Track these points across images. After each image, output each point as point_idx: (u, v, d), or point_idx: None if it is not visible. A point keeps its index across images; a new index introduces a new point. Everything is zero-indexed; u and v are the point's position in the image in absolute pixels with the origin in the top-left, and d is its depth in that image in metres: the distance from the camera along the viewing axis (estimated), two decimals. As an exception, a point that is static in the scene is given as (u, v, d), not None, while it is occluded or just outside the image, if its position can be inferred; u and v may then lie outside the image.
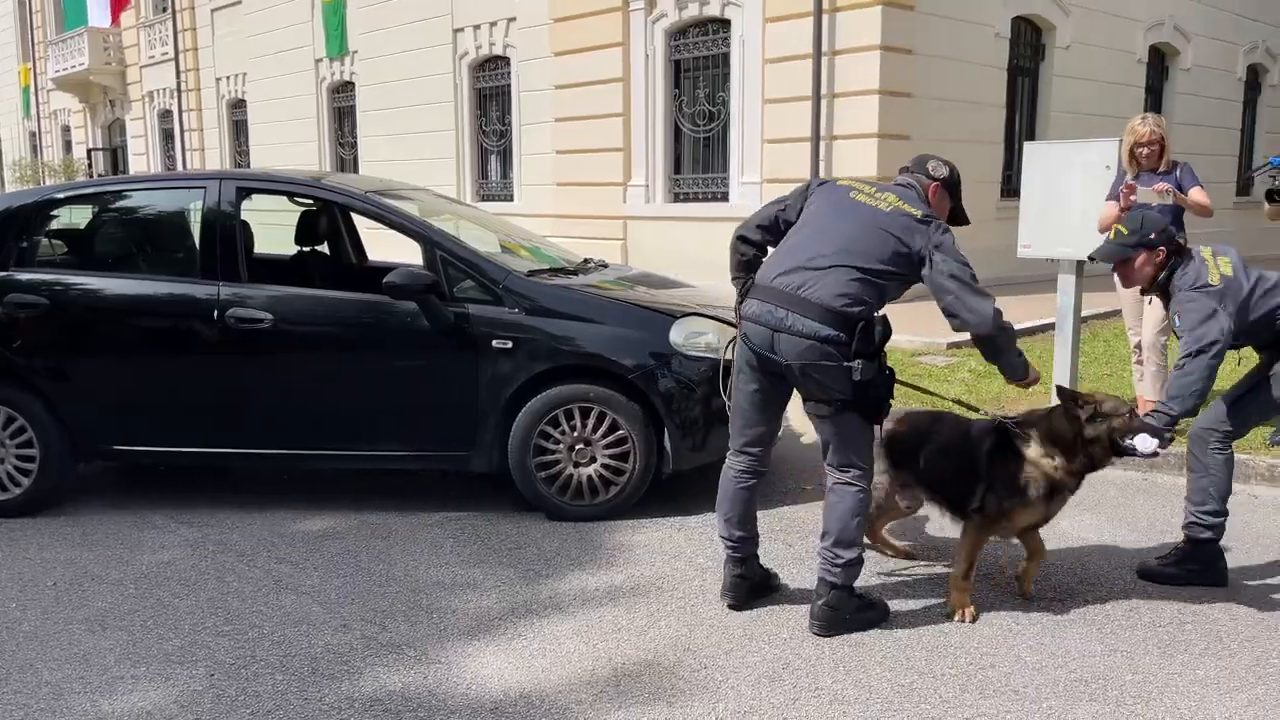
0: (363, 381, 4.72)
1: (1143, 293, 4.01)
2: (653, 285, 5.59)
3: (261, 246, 5.41)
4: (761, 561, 3.78)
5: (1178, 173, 5.46)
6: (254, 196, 5.02)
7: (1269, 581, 3.89)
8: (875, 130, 10.45)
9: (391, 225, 4.84)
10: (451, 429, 4.69)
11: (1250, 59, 16.17)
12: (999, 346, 3.43)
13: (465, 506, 4.84)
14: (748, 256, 3.61)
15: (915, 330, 8.74)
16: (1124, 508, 4.82)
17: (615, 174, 13.02)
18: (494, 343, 4.57)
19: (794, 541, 4.37)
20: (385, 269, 4.84)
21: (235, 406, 4.76)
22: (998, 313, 3.32)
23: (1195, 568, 3.85)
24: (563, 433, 4.58)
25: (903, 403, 4.63)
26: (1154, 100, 14.47)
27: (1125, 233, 3.77)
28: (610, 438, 4.58)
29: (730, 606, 3.67)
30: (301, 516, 4.74)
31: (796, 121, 10.92)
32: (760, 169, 11.53)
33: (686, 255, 11.88)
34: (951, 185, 3.62)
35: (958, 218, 3.67)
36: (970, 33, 11.31)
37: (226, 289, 4.72)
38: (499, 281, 4.66)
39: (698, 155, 12.54)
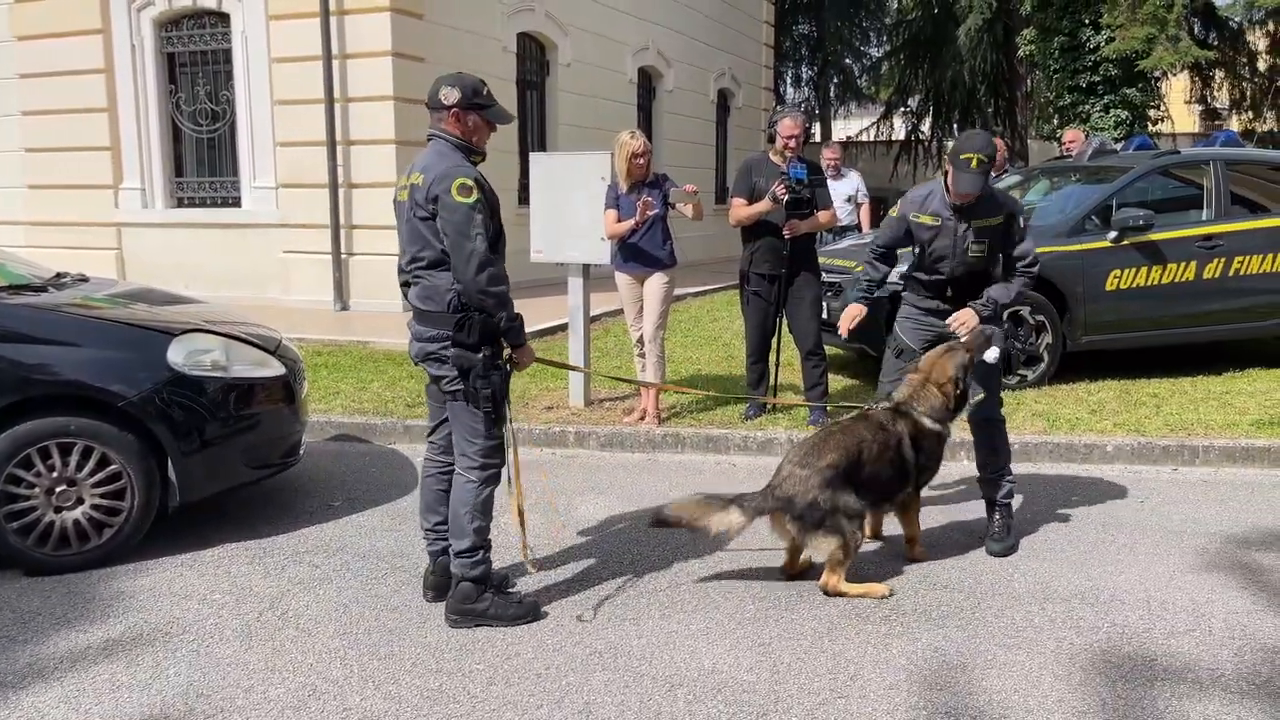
0: None
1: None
2: (153, 302, 5.09)
3: None
4: (290, 584, 3.59)
5: (665, 185, 6.09)
6: None
7: (745, 540, 4.47)
8: (393, 136, 10.42)
9: None
10: (-118, 483, 3.86)
11: (720, 84, 18.61)
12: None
13: (-89, 575, 4.02)
14: None
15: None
16: (631, 487, 5.28)
17: (104, 175, 11.59)
18: (-64, 375, 3.84)
19: (320, 561, 4.21)
20: None
21: None
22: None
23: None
24: (38, 474, 3.98)
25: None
26: (644, 117, 16.08)
27: (985, 159, 4.03)
28: (100, 474, 4.07)
29: (430, 600, 3.73)
30: None
31: (311, 124, 10.52)
32: (275, 172, 10.96)
33: (196, 266, 10.97)
34: (469, 103, 3.49)
35: (501, 117, 3.61)
36: (480, 45, 11.70)
37: None
38: (-61, 303, 3.93)
39: (203, 157, 11.59)
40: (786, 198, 5.88)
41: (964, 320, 4.25)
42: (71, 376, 4.06)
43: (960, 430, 5.77)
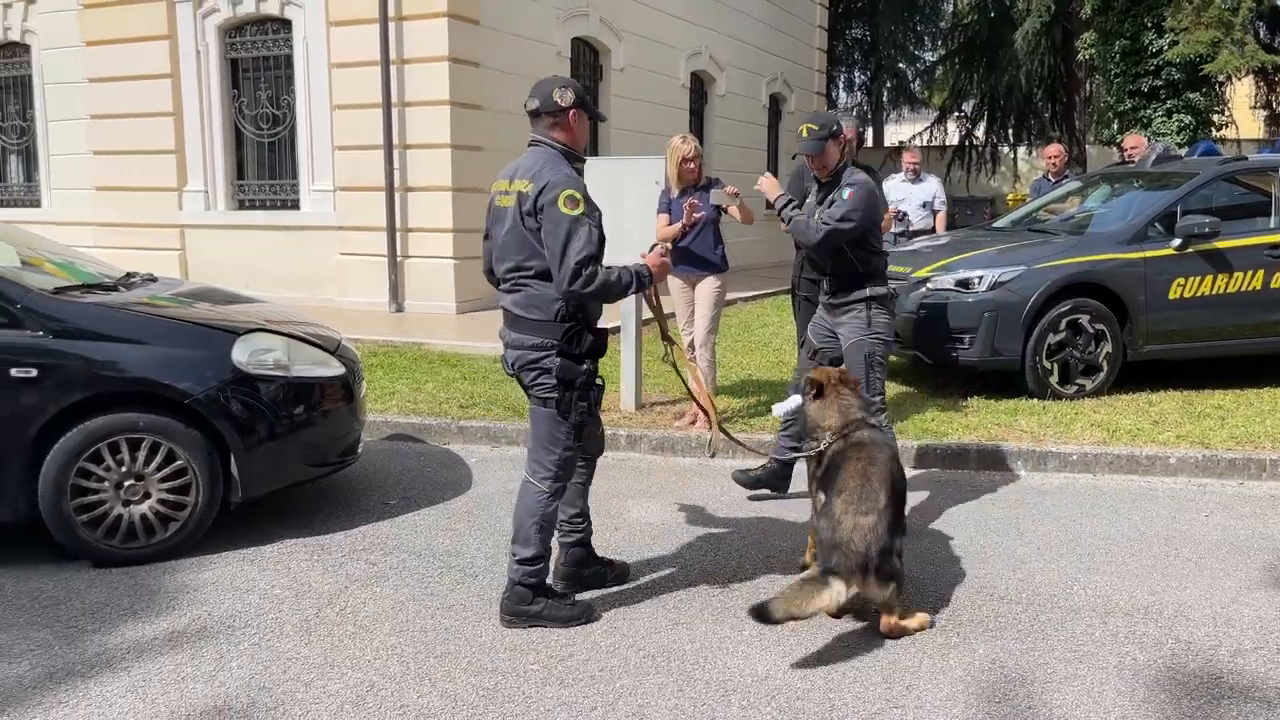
0: None
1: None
2: (216, 301, 5.19)
3: None
4: (348, 581, 3.64)
5: (714, 188, 6.09)
6: None
7: (799, 547, 4.46)
8: (448, 140, 10.54)
9: None
10: (-40, 475, 3.99)
11: (772, 89, 18.56)
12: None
13: (-14, 564, 4.15)
14: None
15: (496, 337, 8.95)
16: (682, 491, 5.28)
17: (168, 178, 11.87)
18: (13, 372, 3.98)
19: (377, 559, 4.27)
20: None
21: None
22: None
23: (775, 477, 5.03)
24: (108, 469, 4.09)
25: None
26: (696, 121, 16.09)
27: (816, 128, 4.48)
28: (167, 470, 4.17)
29: (563, 591, 3.77)
30: None
31: (368, 129, 10.68)
32: (333, 176, 11.14)
33: (256, 267, 11.18)
34: (582, 101, 3.55)
35: (600, 117, 3.81)
36: (534, 50, 11.79)
37: None
38: (16, 301, 4.07)
39: (263, 160, 11.81)
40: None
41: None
42: (140, 374, 4.16)
43: (1004, 439, 5.70)
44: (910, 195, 9.62)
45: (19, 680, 3.21)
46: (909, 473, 5.60)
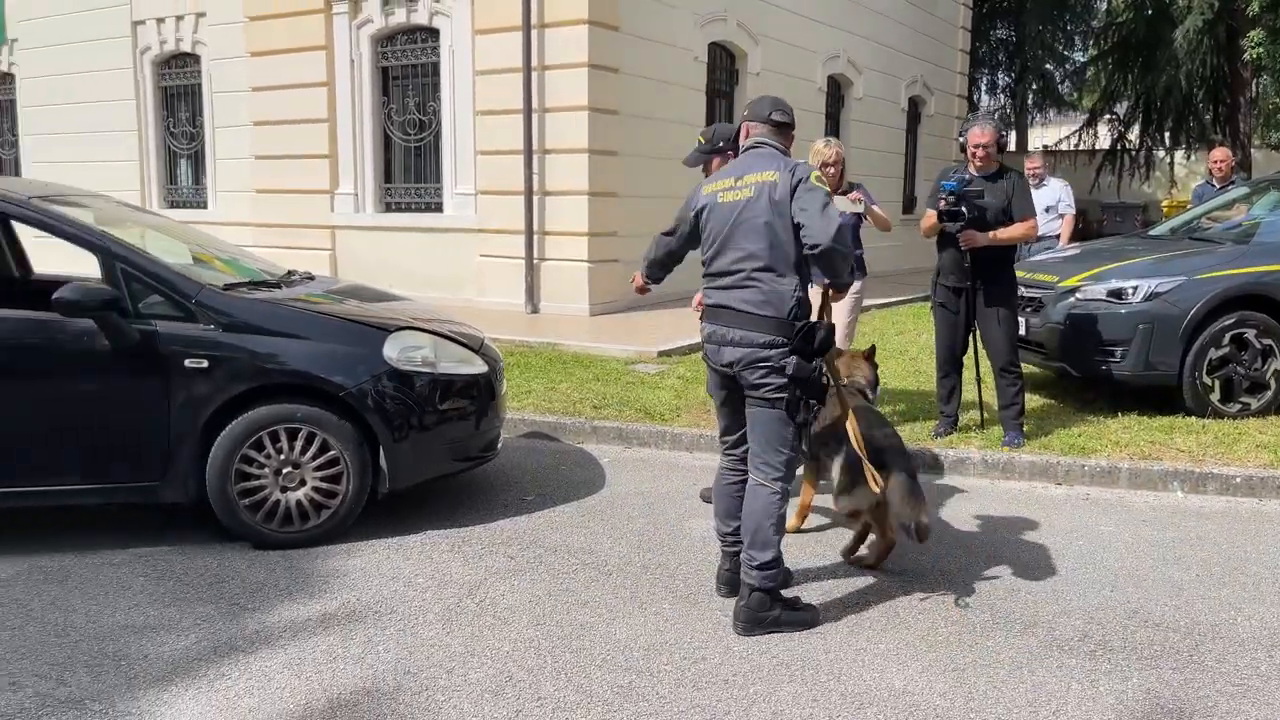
0: (30, 409, 4.21)
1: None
2: (365, 298, 5.41)
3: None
4: (487, 573, 3.75)
5: (855, 193, 6.02)
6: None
7: (936, 561, 4.36)
8: (585, 146, 10.71)
9: (61, 235, 4.35)
10: (139, 458, 4.29)
11: (911, 91, 18.14)
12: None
13: (158, 541, 4.44)
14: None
15: (629, 340, 9.06)
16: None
17: (322, 181, 12.46)
18: (186, 363, 4.23)
19: (515, 553, 4.37)
20: (57, 283, 4.34)
21: None
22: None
23: None
24: (268, 456, 4.32)
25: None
26: (833, 125, 15.87)
27: (706, 141, 4.44)
28: (321, 459, 4.37)
29: (724, 596, 3.82)
30: (-45, 566, 4.15)
31: (509, 134, 10.96)
32: (474, 180, 11.48)
33: (400, 267, 11.60)
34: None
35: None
36: (672, 55, 11.87)
37: None
38: (191, 296, 4.33)
39: (409, 164, 12.27)
40: (942, 209, 5.79)
41: None
42: (300, 367, 4.38)
43: (1158, 458, 5.40)
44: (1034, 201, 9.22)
45: (186, 652, 3.42)
46: (1052, 489, 5.41)
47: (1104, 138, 25.65)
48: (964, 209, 5.75)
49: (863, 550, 4.30)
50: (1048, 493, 5.39)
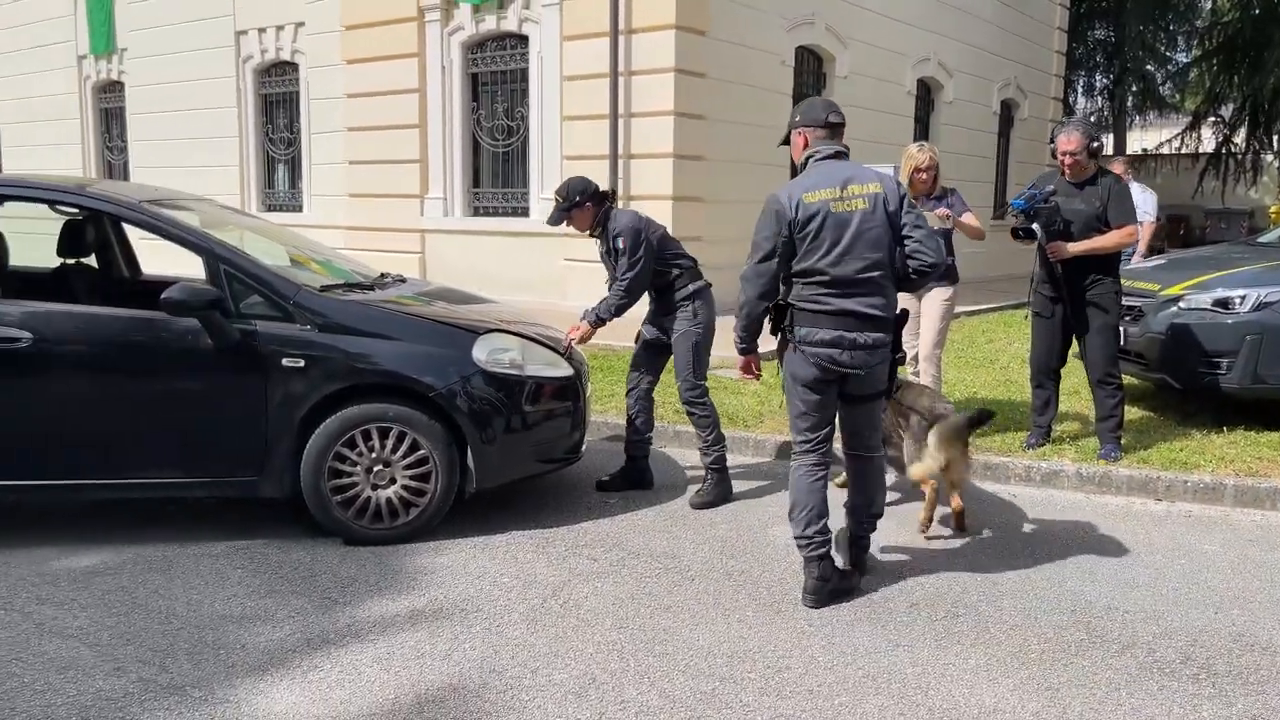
0: (138, 404, 4.39)
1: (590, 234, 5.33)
2: (453, 301, 5.51)
3: (17, 259, 4.94)
4: (570, 575, 3.78)
5: (949, 198, 5.90)
6: (6, 204, 4.58)
7: (1028, 576, 4.25)
8: (671, 150, 10.73)
9: (169, 237, 4.53)
10: (239, 453, 4.44)
11: (1004, 94, 17.74)
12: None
13: (254, 534, 4.59)
14: None
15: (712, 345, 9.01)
16: (901, 510, 5.13)
17: (412, 186, 12.74)
18: (284, 361, 4.36)
19: (598, 555, 4.40)
20: (164, 284, 4.52)
21: (-11, 434, 4.31)
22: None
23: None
24: (360, 454, 4.43)
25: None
26: (922, 129, 15.58)
27: (562, 199, 5.12)
28: (411, 458, 4.46)
29: (810, 607, 3.87)
30: (68, 553, 4.34)
31: (595, 139, 11.05)
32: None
33: (487, 270, 11.78)
34: None
35: None
36: (759, 60, 11.82)
37: (-25, 305, 4.28)
38: (289, 297, 4.46)
39: (497, 169, 12.46)
40: (1014, 226, 5.75)
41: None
42: (391, 367, 4.48)
43: (1267, 475, 5.18)
44: None
45: (281, 643, 3.52)
46: (1152, 505, 5.22)
47: (1208, 141, 24.72)
48: (1036, 225, 5.61)
49: (936, 527, 4.72)
50: (1147, 509, 5.20)
